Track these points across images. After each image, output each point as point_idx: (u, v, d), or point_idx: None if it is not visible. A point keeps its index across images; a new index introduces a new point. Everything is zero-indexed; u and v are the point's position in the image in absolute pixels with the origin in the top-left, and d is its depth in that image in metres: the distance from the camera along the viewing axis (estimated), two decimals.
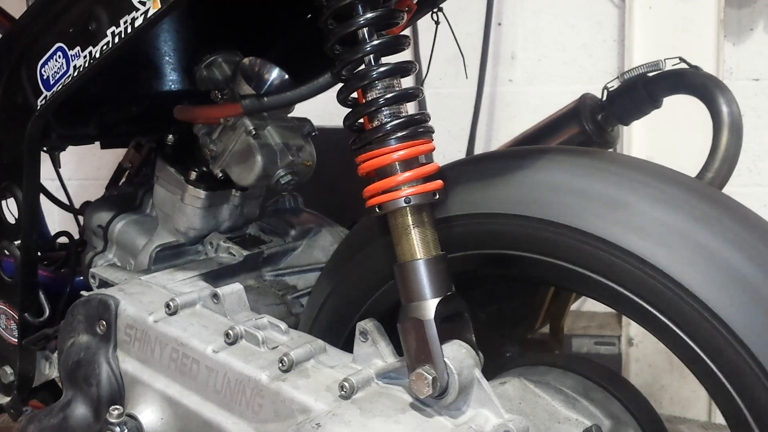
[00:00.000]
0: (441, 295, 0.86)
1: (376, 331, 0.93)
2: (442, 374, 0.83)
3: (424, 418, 0.85)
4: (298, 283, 1.31)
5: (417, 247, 0.88)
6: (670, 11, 2.34)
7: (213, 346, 0.98)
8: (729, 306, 0.78)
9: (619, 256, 0.84)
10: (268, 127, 1.21)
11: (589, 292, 0.90)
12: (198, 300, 1.07)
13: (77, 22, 1.04)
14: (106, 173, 1.53)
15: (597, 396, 0.96)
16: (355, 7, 0.90)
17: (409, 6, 0.98)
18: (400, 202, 0.88)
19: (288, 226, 1.37)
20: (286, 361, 0.93)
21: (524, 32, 2.59)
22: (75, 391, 1.08)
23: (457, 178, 0.96)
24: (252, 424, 0.92)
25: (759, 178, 2.43)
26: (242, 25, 1.28)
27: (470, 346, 0.87)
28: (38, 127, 1.15)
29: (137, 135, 1.43)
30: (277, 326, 1.01)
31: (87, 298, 1.10)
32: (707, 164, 1.30)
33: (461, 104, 2.62)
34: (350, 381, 0.88)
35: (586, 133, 1.40)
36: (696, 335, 0.81)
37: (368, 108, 0.90)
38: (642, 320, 0.85)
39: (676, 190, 0.86)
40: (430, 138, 0.92)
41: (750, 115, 2.38)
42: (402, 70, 0.91)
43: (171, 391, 1.00)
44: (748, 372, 0.78)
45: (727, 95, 1.31)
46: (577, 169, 0.90)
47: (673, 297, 0.81)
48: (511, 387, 0.96)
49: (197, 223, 1.28)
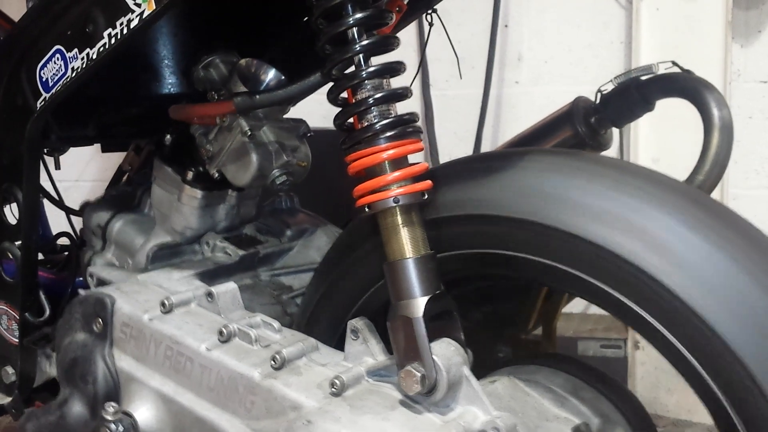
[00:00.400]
0: (430, 294, 0.87)
1: (367, 329, 0.94)
2: (430, 371, 0.84)
3: (414, 415, 0.85)
4: (293, 283, 1.32)
5: (406, 246, 0.88)
6: (677, 12, 2.33)
7: (207, 344, 0.99)
8: (718, 311, 0.78)
9: (605, 256, 0.84)
10: (264, 128, 1.21)
11: (578, 292, 0.90)
12: (193, 299, 1.08)
13: (75, 24, 1.05)
14: (111, 175, 1.54)
15: (586, 394, 0.96)
16: (344, 6, 0.90)
17: (399, 6, 0.98)
18: (389, 202, 0.89)
19: (284, 227, 1.37)
20: (278, 359, 0.93)
21: (530, 33, 2.58)
22: (72, 388, 1.09)
23: (446, 179, 0.96)
24: (245, 421, 0.93)
25: (767, 180, 2.41)
26: (239, 26, 1.28)
27: (459, 344, 0.87)
28: (38, 129, 1.16)
29: (136, 136, 1.44)
30: (270, 325, 1.01)
31: (84, 296, 1.12)
32: (698, 167, 1.29)
33: (468, 106, 2.62)
34: (341, 378, 0.88)
35: (579, 136, 1.40)
36: (686, 339, 0.81)
37: (357, 108, 0.91)
38: (630, 320, 0.85)
39: (664, 193, 0.86)
40: (419, 138, 0.92)
41: (758, 118, 2.37)
42: (391, 70, 0.92)
43: (165, 389, 1.01)
44: (738, 376, 0.78)
45: (718, 98, 1.30)
46: (567, 170, 0.90)
47: (658, 297, 0.81)
48: (501, 385, 0.96)
49: (194, 222, 1.28)
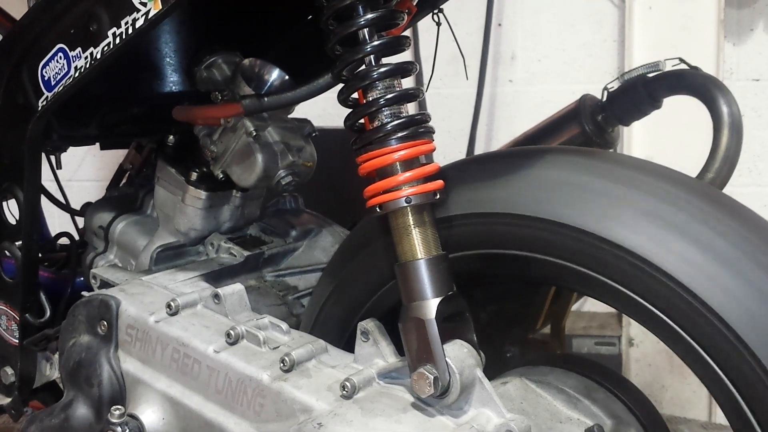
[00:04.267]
0: (442, 295, 0.86)
1: (378, 331, 0.93)
2: (443, 374, 0.83)
3: (426, 418, 0.85)
4: (299, 283, 1.31)
5: (418, 247, 0.88)
6: (670, 11, 2.34)
7: (214, 346, 0.98)
8: (731, 306, 0.78)
9: (619, 254, 0.84)
10: (269, 128, 1.21)
11: (590, 291, 0.90)
12: (199, 300, 1.07)
13: (78, 23, 1.04)
14: (107, 174, 1.53)
15: (599, 396, 0.96)
16: (355, 7, 0.90)
17: (409, 7, 0.98)
18: (400, 202, 0.88)
19: (289, 227, 1.37)
20: (288, 361, 0.93)
21: (524, 32, 2.59)
22: (76, 391, 1.08)
23: (457, 178, 0.96)
24: (253, 424, 0.92)
25: (759, 178, 2.43)
26: (242, 25, 1.28)
27: (471, 345, 0.87)
28: (39, 128, 1.15)
29: (138, 136, 1.43)
30: (278, 326, 1.01)
31: (88, 298, 1.10)
32: (707, 164, 1.30)
33: (461, 104, 2.62)
34: (352, 381, 0.88)
35: (586, 134, 1.40)
36: (698, 335, 0.81)
37: (369, 108, 0.90)
38: (644, 320, 0.85)
39: (676, 190, 0.86)
40: (431, 138, 0.92)
41: (750, 115, 2.39)
42: (402, 71, 0.91)
43: (172, 392, 1.00)
44: (751, 372, 0.78)
45: (728, 96, 1.31)
46: (578, 168, 0.90)
47: (675, 298, 0.81)
48: (513, 387, 0.96)
49: (198, 223, 1.28)
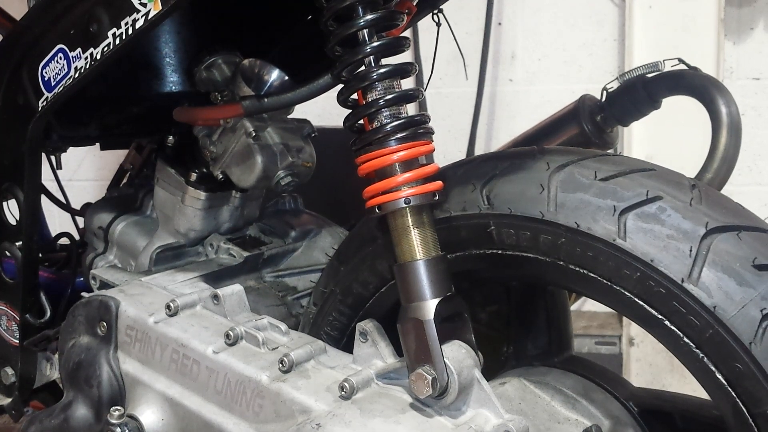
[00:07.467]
0: (441, 296, 0.86)
1: (376, 331, 0.93)
2: (441, 374, 0.83)
3: (424, 418, 0.85)
4: (298, 284, 1.31)
5: (417, 248, 0.88)
6: (670, 10, 2.34)
7: (213, 347, 0.98)
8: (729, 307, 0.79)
9: (618, 256, 0.84)
10: (268, 129, 1.21)
11: (590, 293, 0.90)
12: (198, 301, 1.07)
13: (78, 23, 1.04)
14: (107, 174, 1.53)
15: (597, 396, 0.96)
16: (355, 8, 0.90)
17: (409, 8, 0.98)
18: (400, 203, 0.88)
19: (288, 228, 1.36)
20: (287, 362, 0.93)
21: (524, 32, 2.59)
22: (76, 392, 1.08)
23: (456, 179, 0.96)
24: (252, 425, 0.92)
25: (759, 177, 2.43)
26: (242, 26, 1.28)
27: (470, 346, 0.87)
28: (39, 128, 1.15)
29: (138, 136, 1.43)
30: (277, 327, 1.01)
31: (88, 299, 1.10)
32: (706, 164, 1.30)
33: (461, 104, 2.62)
34: (350, 381, 0.88)
35: (585, 134, 1.40)
36: (695, 335, 0.81)
37: (368, 109, 0.90)
38: (643, 322, 0.85)
39: (674, 190, 0.86)
40: (430, 139, 0.92)
41: (750, 114, 2.39)
42: (402, 72, 0.91)
43: (172, 392, 1.00)
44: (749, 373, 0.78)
45: (726, 96, 1.31)
46: (579, 169, 0.90)
47: (675, 300, 0.81)
48: (511, 387, 0.96)
49: (197, 224, 1.28)
